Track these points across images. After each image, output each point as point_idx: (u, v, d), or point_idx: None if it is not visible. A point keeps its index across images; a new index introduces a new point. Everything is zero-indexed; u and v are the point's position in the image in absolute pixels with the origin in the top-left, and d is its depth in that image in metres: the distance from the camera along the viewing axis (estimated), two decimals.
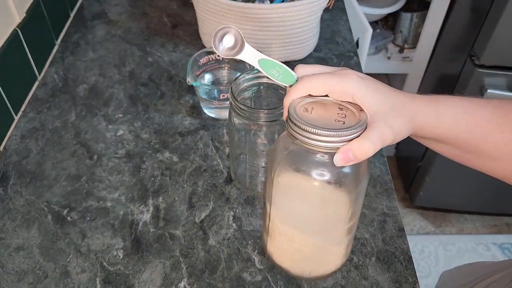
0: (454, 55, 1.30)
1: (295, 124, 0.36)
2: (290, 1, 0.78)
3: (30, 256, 0.55)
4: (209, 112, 0.73)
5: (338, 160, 0.36)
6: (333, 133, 0.35)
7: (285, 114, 0.39)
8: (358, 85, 0.38)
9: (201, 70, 0.74)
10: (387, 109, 0.38)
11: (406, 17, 1.50)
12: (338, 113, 0.37)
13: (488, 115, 0.41)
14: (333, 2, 0.82)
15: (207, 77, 0.75)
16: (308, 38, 0.81)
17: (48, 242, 0.56)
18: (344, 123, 0.36)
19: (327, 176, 0.38)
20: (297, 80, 0.41)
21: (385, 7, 1.49)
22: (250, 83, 0.55)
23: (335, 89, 0.38)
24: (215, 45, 0.40)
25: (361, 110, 0.38)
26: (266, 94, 0.58)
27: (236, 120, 0.54)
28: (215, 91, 0.70)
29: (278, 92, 0.56)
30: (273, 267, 0.54)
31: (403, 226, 0.58)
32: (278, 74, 0.41)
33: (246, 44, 0.40)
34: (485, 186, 1.43)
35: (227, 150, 0.68)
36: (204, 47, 0.87)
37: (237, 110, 0.52)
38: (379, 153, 0.67)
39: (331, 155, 0.36)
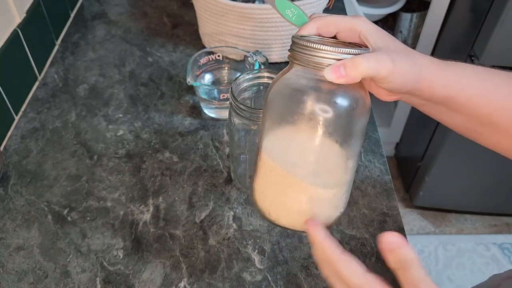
0: (454, 55, 1.30)
1: (296, 43, 0.36)
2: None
3: (30, 256, 0.55)
4: (209, 112, 0.73)
5: (327, 70, 0.34)
6: (331, 48, 0.34)
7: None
8: (366, 24, 0.39)
9: (201, 70, 0.74)
10: (390, 48, 0.38)
11: (406, 17, 1.50)
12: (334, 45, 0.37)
13: (500, 83, 0.39)
14: (333, 2, 0.82)
15: (207, 77, 0.75)
16: None
17: (48, 242, 0.56)
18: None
19: (321, 106, 0.36)
20: None
21: (385, 7, 1.49)
22: (250, 83, 0.55)
23: (343, 27, 0.39)
24: None
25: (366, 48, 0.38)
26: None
27: (236, 120, 0.54)
28: (215, 91, 0.70)
29: None
30: (273, 267, 0.54)
31: (403, 226, 0.59)
32: (292, 15, 0.42)
33: None
34: (485, 186, 1.43)
35: (227, 150, 0.68)
36: (204, 47, 0.87)
37: (237, 110, 0.52)
38: (379, 153, 0.68)
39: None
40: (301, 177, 0.38)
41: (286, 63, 0.84)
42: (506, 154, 0.43)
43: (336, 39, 0.41)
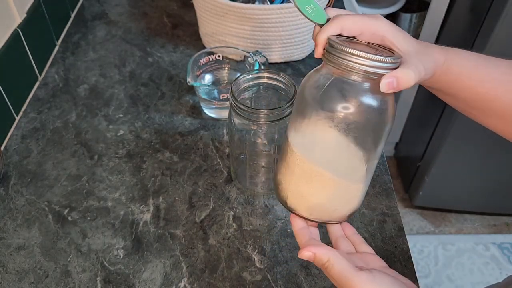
0: None
1: (342, 50, 0.37)
2: (289, 2, 0.78)
3: (31, 256, 0.55)
4: (209, 112, 0.73)
5: (383, 84, 0.37)
6: (380, 57, 0.36)
7: (319, 51, 0.40)
8: (389, 27, 0.40)
9: (201, 71, 0.74)
10: (415, 50, 0.40)
11: (405, 17, 1.50)
12: (373, 52, 0.39)
13: (497, 74, 0.41)
14: (332, 2, 0.82)
15: (207, 77, 0.76)
16: (307, 39, 0.82)
17: (48, 242, 0.56)
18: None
19: (352, 109, 0.39)
20: (327, 20, 0.42)
21: (385, 7, 1.49)
22: (250, 83, 0.56)
23: (367, 29, 0.40)
24: None
25: (391, 51, 0.40)
26: (266, 94, 0.58)
27: (236, 120, 0.54)
28: (215, 91, 0.70)
29: (278, 92, 0.56)
30: (273, 266, 0.54)
31: (402, 226, 0.59)
32: (311, 12, 0.42)
33: None
34: (485, 186, 1.44)
35: (227, 150, 0.68)
36: (204, 47, 0.87)
37: (237, 110, 0.52)
38: None
39: (368, 82, 0.38)
40: (322, 168, 0.41)
41: (286, 63, 0.84)
42: (504, 136, 0.45)
43: (354, 37, 0.42)
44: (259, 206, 0.61)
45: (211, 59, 0.74)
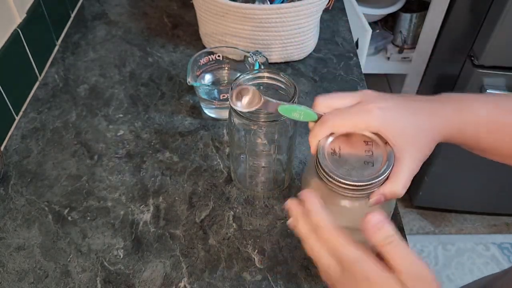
0: (453, 55, 1.30)
1: (328, 175, 0.38)
2: (289, 1, 0.78)
3: (31, 256, 0.55)
4: (209, 112, 0.73)
5: (371, 203, 0.38)
6: (363, 183, 0.37)
7: (313, 151, 0.40)
8: (381, 120, 0.39)
9: (201, 71, 0.74)
10: (413, 135, 0.39)
11: (405, 17, 1.50)
12: (365, 150, 0.39)
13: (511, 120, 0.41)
14: (332, 2, 0.82)
15: (207, 77, 0.76)
16: (307, 39, 0.82)
17: (48, 242, 0.56)
18: (372, 164, 0.38)
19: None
20: (318, 117, 0.41)
21: (385, 7, 1.49)
22: (250, 83, 0.56)
23: (359, 128, 0.39)
24: (233, 102, 0.43)
25: (386, 143, 0.39)
26: (266, 94, 0.58)
27: (236, 120, 0.54)
28: (215, 91, 0.70)
29: (278, 92, 0.56)
30: (273, 266, 0.54)
31: (402, 226, 0.59)
32: (300, 115, 0.42)
33: (264, 98, 0.42)
34: (485, 186, 1.44)
35: (227, 150, 0.68)
36: (204, 47, 0.87)
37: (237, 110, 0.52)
38: None
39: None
40: None
41: (286, 63, 0.84)
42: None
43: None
44: (259, 206, 0.61)
45: (211, 59, 0.74)
